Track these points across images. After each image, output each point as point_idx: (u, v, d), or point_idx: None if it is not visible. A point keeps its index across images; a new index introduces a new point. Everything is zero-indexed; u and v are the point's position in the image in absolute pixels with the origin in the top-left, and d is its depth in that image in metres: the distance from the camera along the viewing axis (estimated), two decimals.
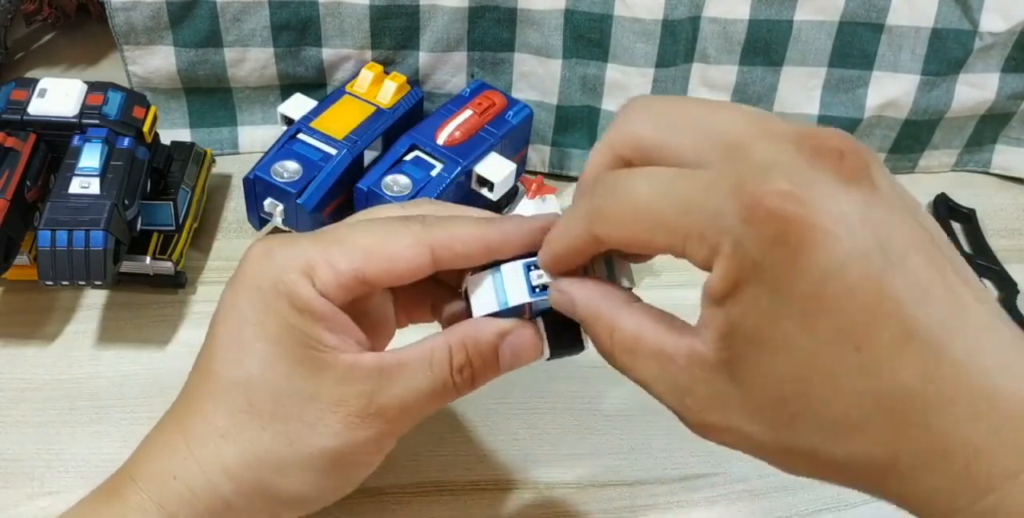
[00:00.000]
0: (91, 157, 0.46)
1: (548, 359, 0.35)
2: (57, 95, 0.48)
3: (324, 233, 0.34)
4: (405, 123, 0.54)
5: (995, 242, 0.58)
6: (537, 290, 0.34)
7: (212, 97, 0.60)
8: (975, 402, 0.24)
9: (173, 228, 0.51)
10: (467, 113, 0.53)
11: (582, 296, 0.31)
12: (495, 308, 0.34)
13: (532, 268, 0.34)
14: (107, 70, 0.66)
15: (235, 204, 0.57)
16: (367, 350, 0.34)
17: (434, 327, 0.38)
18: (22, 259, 0.48)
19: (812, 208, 0.24)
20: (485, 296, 0.35)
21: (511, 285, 0.34)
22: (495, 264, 0.35)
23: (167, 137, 0.54)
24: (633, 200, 0.27)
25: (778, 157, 0.25)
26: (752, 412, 0.27)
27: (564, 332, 0.35)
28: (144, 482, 0.33)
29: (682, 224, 0.26)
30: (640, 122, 0.30)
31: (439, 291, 0.38)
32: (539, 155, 0.61)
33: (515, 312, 0.34)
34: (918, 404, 0.24)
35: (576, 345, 0.35)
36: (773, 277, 0.24)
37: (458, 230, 0.33)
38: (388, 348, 0.37)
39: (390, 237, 0.33)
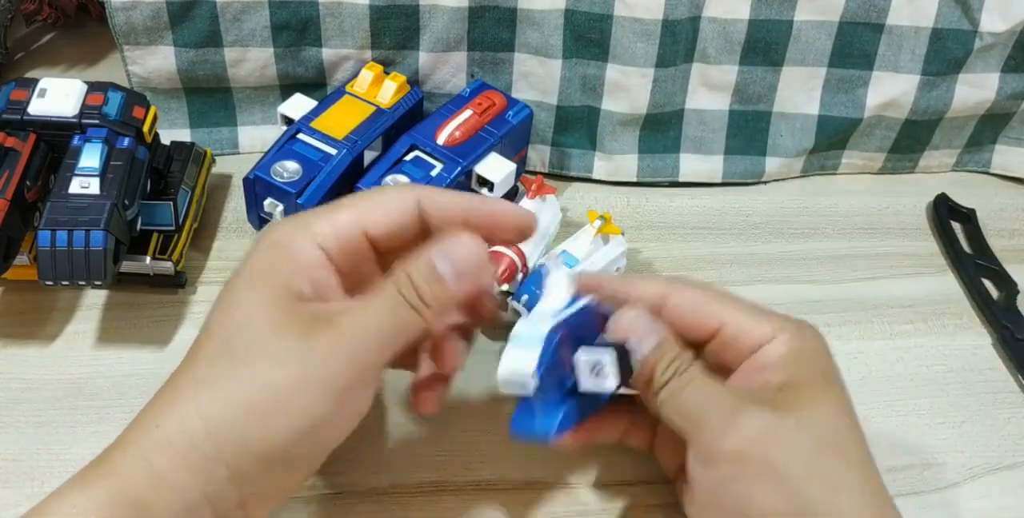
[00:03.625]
0: (91, 157, 0.46)
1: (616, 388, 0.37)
2: (57, 95, 0.48)
3: (328, 204, 0.38)
4: (405, 123, 0.54)
5: (995, 242, 0.58)
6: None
7: (212, 97, 0.60)
8: None
9: (173, 228, 0.51)
10: (467, 113, 0.53)
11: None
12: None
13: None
14: (107, 70, 0.66)
15: (235, 204, 0.57)
16: None
17: None
18: (22, 259, 0.48)
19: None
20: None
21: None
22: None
23: (167, 137, 0.54)
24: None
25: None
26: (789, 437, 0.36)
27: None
28: (131, 438, 0.33)
29: (755, 308, 0.40)
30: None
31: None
32: (539, 155, 0.61)
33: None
34: None
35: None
36: (813, 353, 0.39)
37: (443, 191, 0.38)
38: None
39: (382, 193, 0.37)
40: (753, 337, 0.38)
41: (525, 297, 0.47)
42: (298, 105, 0.55)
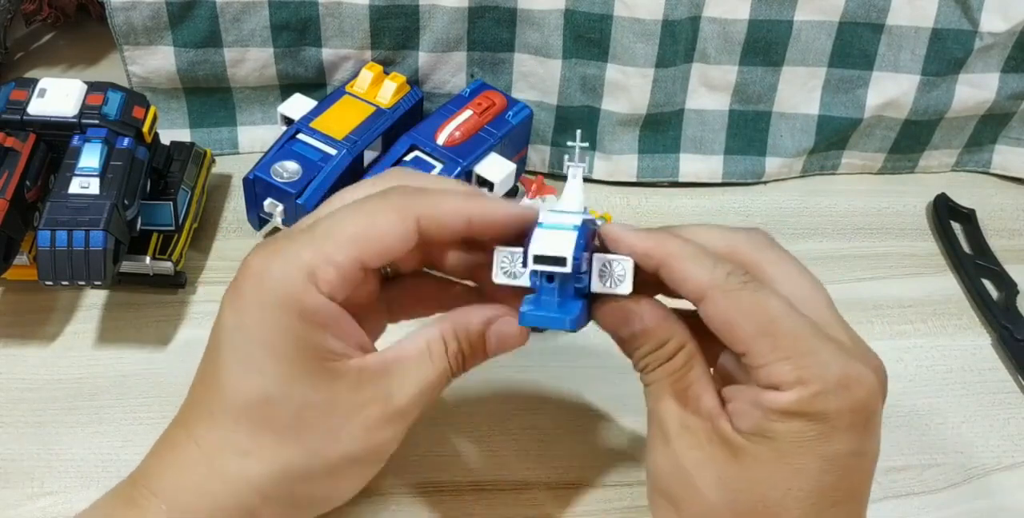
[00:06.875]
0: (91, 157, 0.46)
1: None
2: (57, 95, 0.48)
3: (311, 230, 0.34)
4: (405, 123, 0.54)
5: (995, 242, 0.58)
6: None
7: (212, 97, 0.60)
8: None
9: (173, 228, 0.51)
10: (467, 113, 0.53)
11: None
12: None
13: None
14: (107, 70, 0.66)
15: (235, 204, 0.57)
16: (369, 351, 0.35)
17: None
18: (22, 259, 0.48)
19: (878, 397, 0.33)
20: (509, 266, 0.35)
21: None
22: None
23: (167, 137, 0.54)
24: (772, 298, 0.33)
25: (860, 361, 0.33)
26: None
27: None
28: (166, 496, 0.33)
29: (800, 343, 0.32)
30: None
31: (430, 285, 0.40)
32: (539, 155, 0.61)
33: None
34: None
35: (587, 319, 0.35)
36: (833, 427, 0.32)
37: (441, 202, 0.34)
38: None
39: (376, 216, 0.34)
40: (770, 376, 0.32)
41: None
42: (298, 105, 0.55)
